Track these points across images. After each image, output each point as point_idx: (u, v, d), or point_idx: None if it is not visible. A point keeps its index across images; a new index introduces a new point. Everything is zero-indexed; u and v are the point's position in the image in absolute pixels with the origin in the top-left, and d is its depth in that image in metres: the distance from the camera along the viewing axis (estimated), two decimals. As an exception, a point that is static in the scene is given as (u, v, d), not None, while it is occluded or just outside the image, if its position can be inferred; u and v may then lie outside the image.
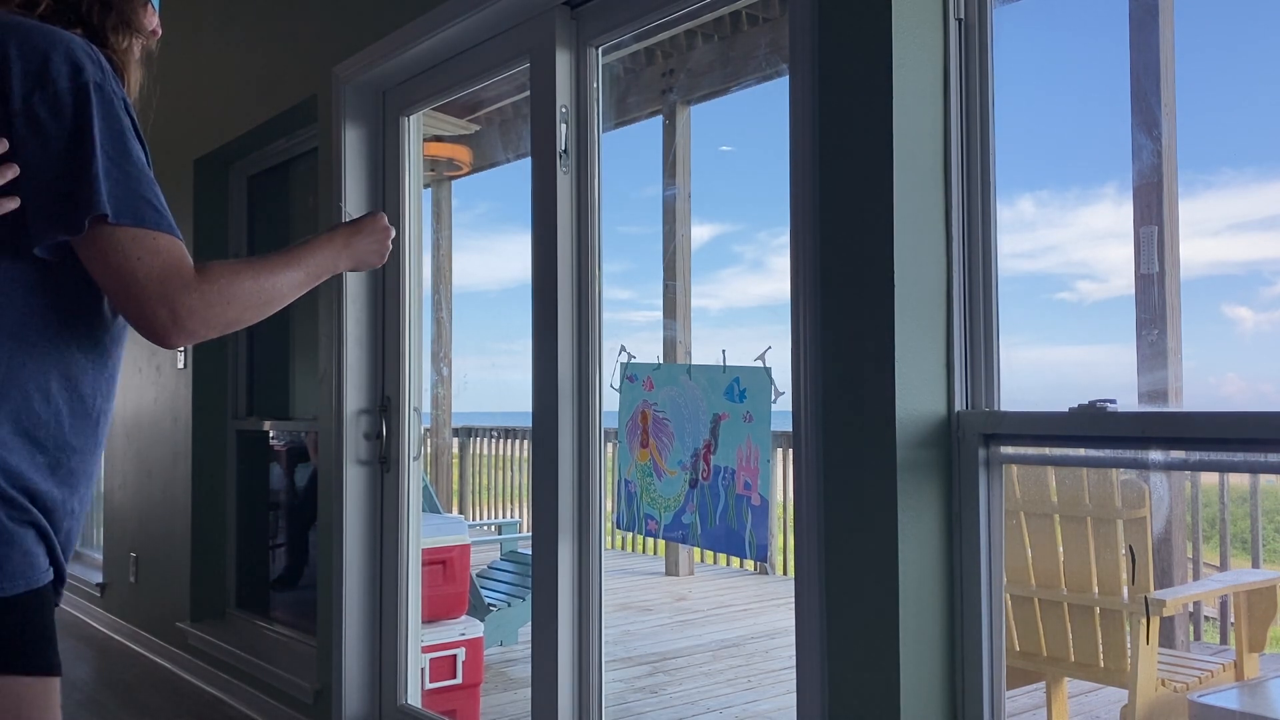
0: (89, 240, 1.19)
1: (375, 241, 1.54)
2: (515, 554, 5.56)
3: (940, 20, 1.89)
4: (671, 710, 4.11)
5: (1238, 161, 2.20)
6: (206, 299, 1.23)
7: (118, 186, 1.20)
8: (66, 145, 1.18)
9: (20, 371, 1.21)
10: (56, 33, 1.24)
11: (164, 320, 1.20)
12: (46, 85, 1.19)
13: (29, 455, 1.22)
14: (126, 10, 1.39)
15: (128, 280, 1.19)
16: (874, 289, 1.83)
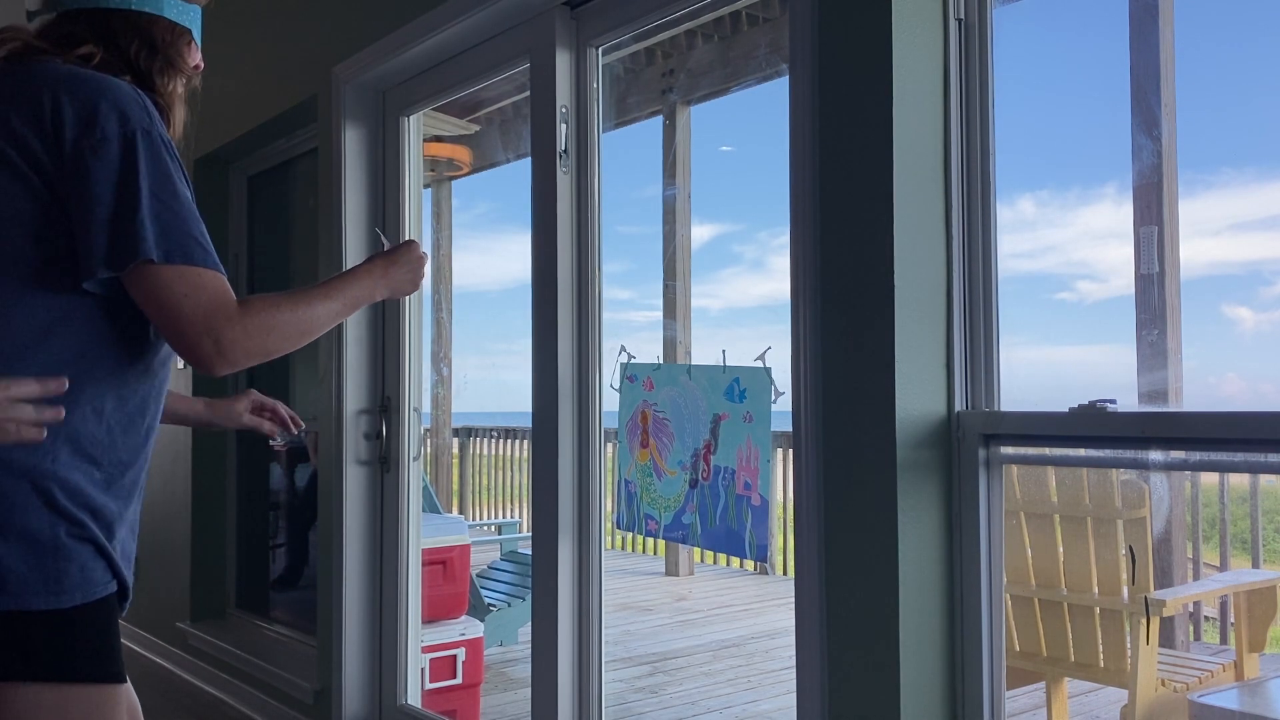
0: (138, 278, 1.27)
1: (410, 270, 1.62)
2: (515, 554, 5.56)
3: (940, 20, 1.89)
4: (671, 710, 4.11)
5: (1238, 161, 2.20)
6: (248, 331, 1.32)
7: (166, 227, 1.28)
8: (115, 190, 1.26)
9: (79, 395, 1.29)
10: (106, 81, 1.32)
11: (209, 351, 1.29)
12: (95, 131, 1.26)
13: (86, 472, 1.30)
14: (171, 53, 1.48)
15: (175, 315, 1.28)
16: (874, 289, 1.83)
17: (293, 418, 1.92)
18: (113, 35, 1.42)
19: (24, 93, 1.30)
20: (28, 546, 1.25)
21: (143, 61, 1.45)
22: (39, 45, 1.38)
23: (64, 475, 1.28)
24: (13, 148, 1.28)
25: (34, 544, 1.25)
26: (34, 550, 1.25)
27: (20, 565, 1.24)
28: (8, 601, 1.23)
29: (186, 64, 1.52)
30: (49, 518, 1.26)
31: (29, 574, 1.24)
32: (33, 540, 1.25)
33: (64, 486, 1.27)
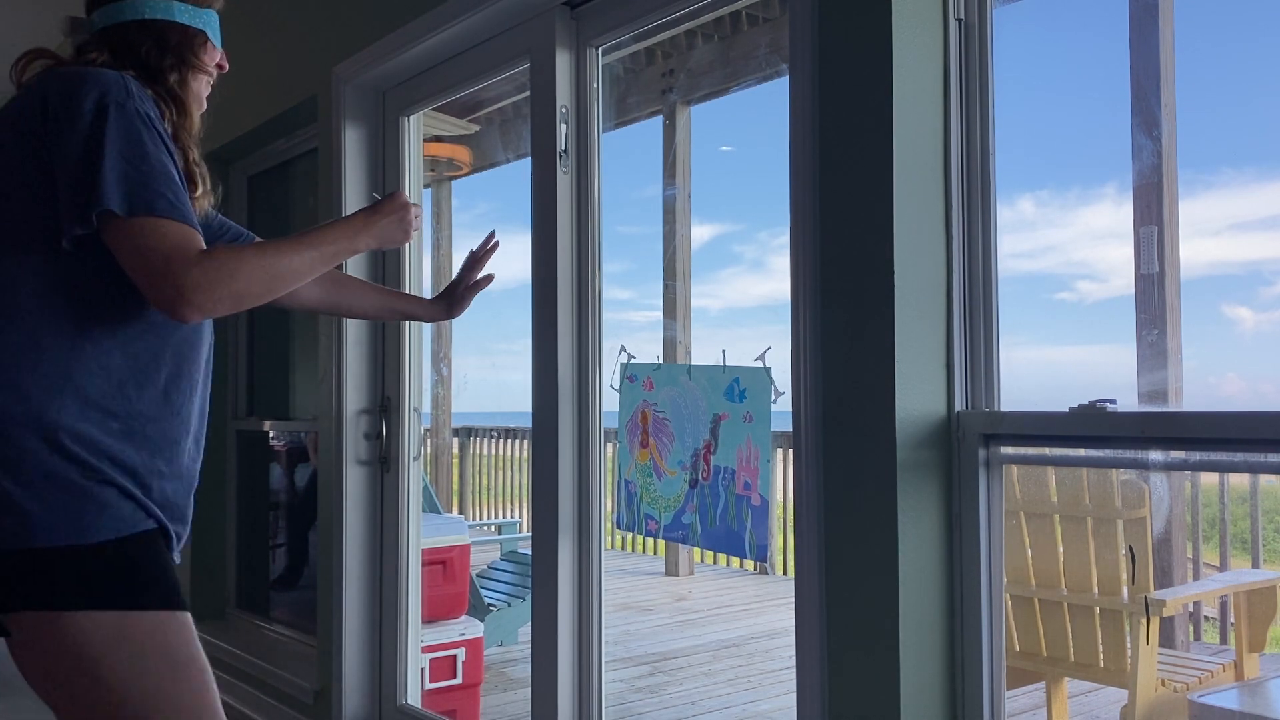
0: (110, 232, 1.38)
1: (396, 219, 1.70)
2: (515, 554, 5.56)
3: (940, 20, 1.89)
4: (671, 710, 4.12)
5: (1238, 161, 2.20)
6: (209, 275, 1.38)
7: (131, 184, 1.37)
8: (82, 151, 1.38)
9: (81, 353, 1.41)
10: (91, 71, 1.47)
11: (170, 295, 1.37)
12: (71, 108, 1.40)
13: (100, 423, 1.42)
14: (184, 52, 1.62)
15: (139, 263, 1.37)
16: (874, 289, 1.83)
17: (482, 248, 2.04)
18: (128, 43, 1.57)
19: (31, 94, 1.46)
20: (43, 490, 1.37)
21: (152, 59, 1.58)
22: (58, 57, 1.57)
23: (71, 425, 1.39)
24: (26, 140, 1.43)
25: (49, 487, 1.37)
26: (50, 493, 1.37)
27: (37, 507, 1.36)
28: (36, 539, 1.36)
29: (201, 62, 1.66)
30: (60, 463, 1.38)
31: (47, 515, 1.36)
32: (47, 484, 1.37)
33: (73, 435, 1.39)
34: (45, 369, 1.40)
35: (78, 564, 1.37)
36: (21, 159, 1.43)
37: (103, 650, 1.38)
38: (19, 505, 1.36)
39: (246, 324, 4.52)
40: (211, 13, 1.69)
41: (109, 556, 1.39)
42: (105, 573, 1.38)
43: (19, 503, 1.36)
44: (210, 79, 1.71)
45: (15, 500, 1.37)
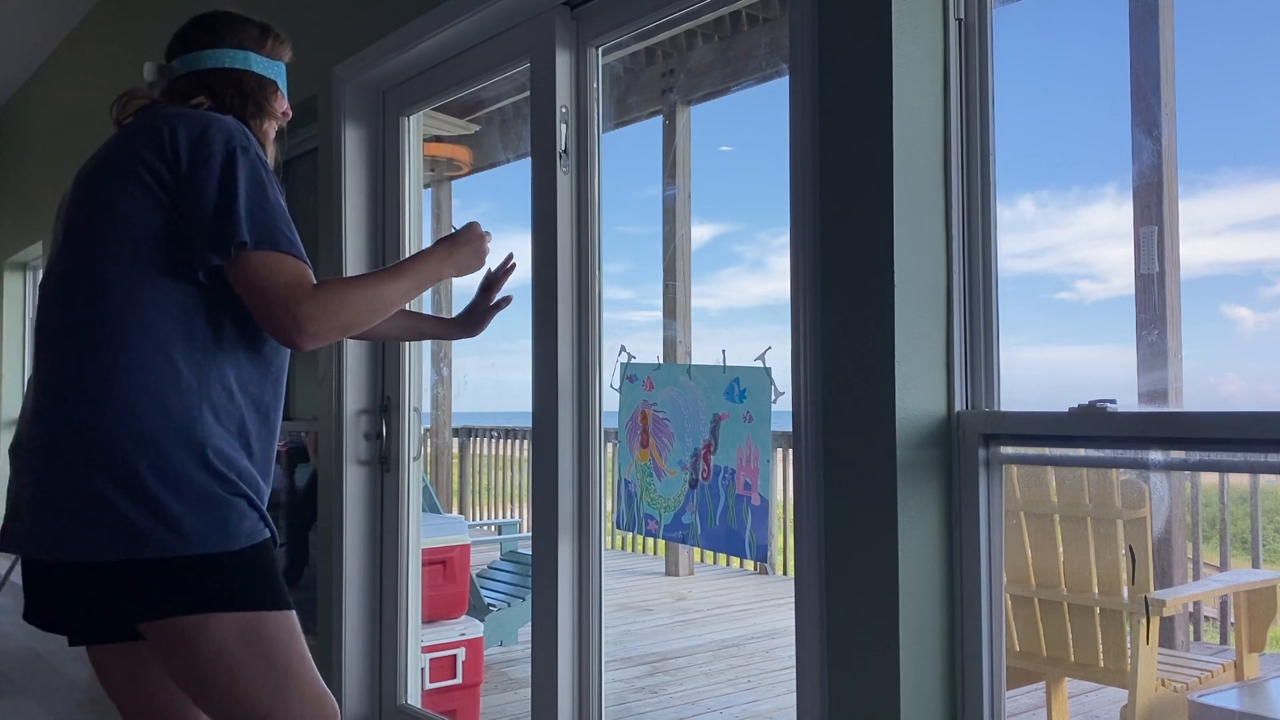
0: (235, 264, 1.51)
1: (474, 249, 1.84)
2: (515, 554, 5.56)
3: (940, 20, 1.89)
4: (671, 710, 4.12)
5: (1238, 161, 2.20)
6: (323, 305, 1.53)
7: (256, 220, 1.52)
8: (217, 192, 1.52)
9: (209, 376, 1.55)
10: (213, 115, 1.61)
11: (289, 326, 1.51)
12: (203, 150, 1.54)
13: (228, 439, 1.55)
14: (260, 99, 1.76)
15: (260, 294, 1.51)
16: (874, 289, 1.83)
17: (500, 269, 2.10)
18: (211, 88, 1.72)
19: (149, 129, 1.58)
20: (197, 501, 1.49)
21: (236, 107, 1.73)
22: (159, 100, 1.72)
23: (212, 442, 1.53)
24: (144, 173, 1.55)
25: (201, 499, 1.50)
26: (202, 504, 1.50)
27: (189, 517, 1.48)
28: (190, 547, 1.47)
29: (273, 109, 1.79)
30: (206, 477, 1.51)
31: (199, 525, 1.48)
32: (199, 496, 1.50)
33: (215, 451, 1.52)
34: (184, 390, 1.52)
35: (222, 570, 1.50)
36: (142, 192, 1.55)
37: (239, 647, 1.51)
38: (174, 516, 1.47)
39: (246, 324, 4.51)
40: (281, 65, 1.83)
41: (245, 562, 1.52)
42: (243, 577, 1.52)
43: (174, 514, 1.47)
44: (278, 124, 1.83)
45: (171, 512, 1.47)
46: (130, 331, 1.51)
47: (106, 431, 1.48)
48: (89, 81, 5.89)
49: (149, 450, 1.48)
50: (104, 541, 1.46)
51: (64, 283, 1.59)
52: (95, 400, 1.50)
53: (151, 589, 1.48)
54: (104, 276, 1.54)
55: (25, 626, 5.45)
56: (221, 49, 1.74)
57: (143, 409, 1.49)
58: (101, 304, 1.53)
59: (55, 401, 1.54)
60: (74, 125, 6.13)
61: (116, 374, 1.50)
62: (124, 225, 1.54)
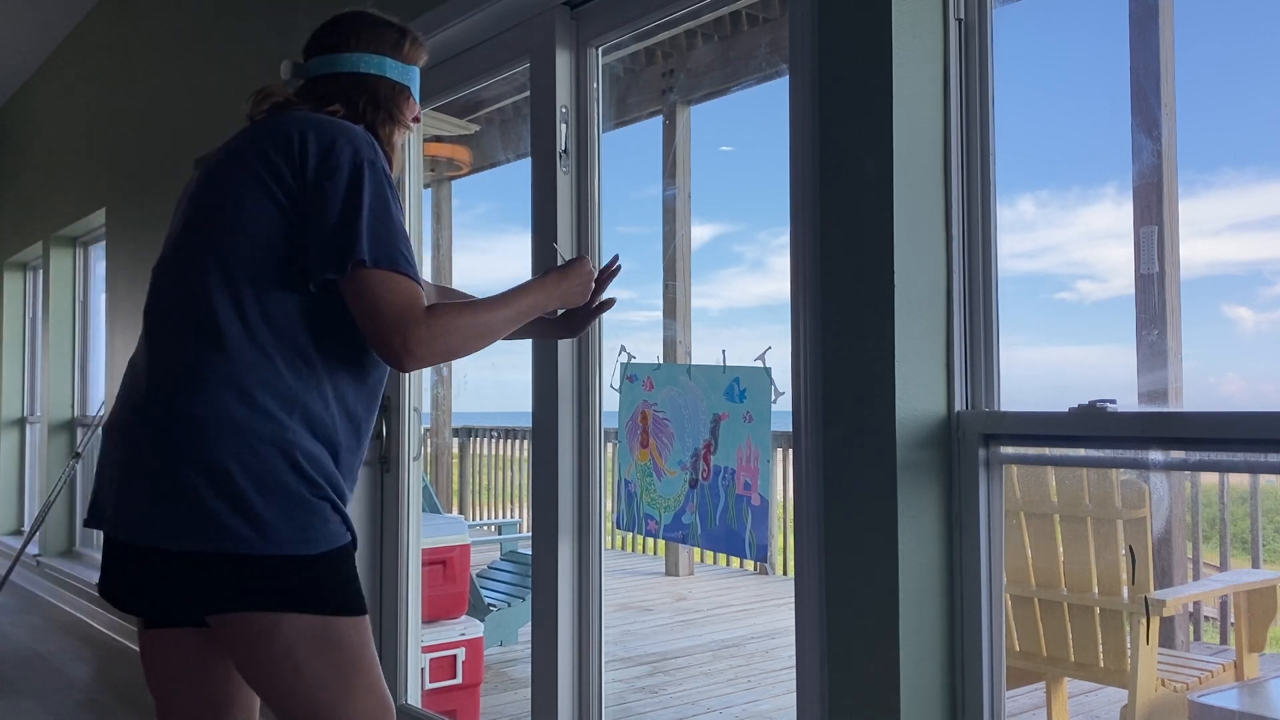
0: (352, 280, 1.52)
1: (580, 285, 1.84)
2: (515, 554, 5.56)
3: (940, 20, 1.89)
4: (671, 710, 4.11)
5: (1238, 161, 2.20)
6: (432, 331, 1.53)
7: (378, 238, 1.52)
8: (342, 206, 1.52)
9: (308, 382, 1.56)
10: (344, 125, 1.61)
11: (398, 348, 1.51)
12: (331, 160, 1.54)
13: (318, 445, 1.55)
14: (391, 107, 1.75)
15: (374, 313, 1.51)
16: (874, 289, 1.83)
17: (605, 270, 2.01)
18: (345, 94, 1.72)
19: (279, 131, 1.58)
20: (283, 503, 1.49)
21: (368, 115, 1.72)
22: (294, 100, 1.71)
23: (304, 446, 1.53)
24: (268, 174, 1.55)
25: (287, 501, 1.50)
26: (287, 506, 1.50)
27: (277, 518, 1.49)
28: (270, 547, 1.48)
29: (404, 116, 1.78)
30: (294, 479, 1.51)
31: (282, 525, 1.49)
32: (286, 498, 1.50)
33: (305, 455, 1.53)
34: (282, 392, 1.53)
35: (300, 572, 1.51)
36: (265, 195, 1.55)
37: (308, 649, 1.52)
38: (259, 515, 1.48)
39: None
40: (416, 69, 1.81)
41: (324, 566, 1.53)
42: (320, 581, 1.52)
43: (260, 512, 1.48)
44: (408, 131, 1.81)
45: (257, 510, 1.48)
46: (237, 332, 1.52)
47: (201, 425, 1.49)
48: (89, 81, 5.88)
49: (242, 448, 1.49)
50: (186, 531, 1.48)
51: (176, 273, 1.60)
52: (194, 394, 1.50)
53: (227, 583, 1.49)
54: (217, 274, 1.55)
55: (25, 626, 5.44)
56: (358, 53, 1.73)
57: (240, 408, 1.50)
58: (212, 302, 1.54)
59: (153, 389, 1.55)
60: (74, 125, 6.12)
61: (218, 371, 1.51)
62: (242, 227, 1.55)
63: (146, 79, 5.04)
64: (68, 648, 4.98)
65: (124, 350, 5.16)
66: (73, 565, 6.13)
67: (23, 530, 7.28)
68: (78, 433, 6.46)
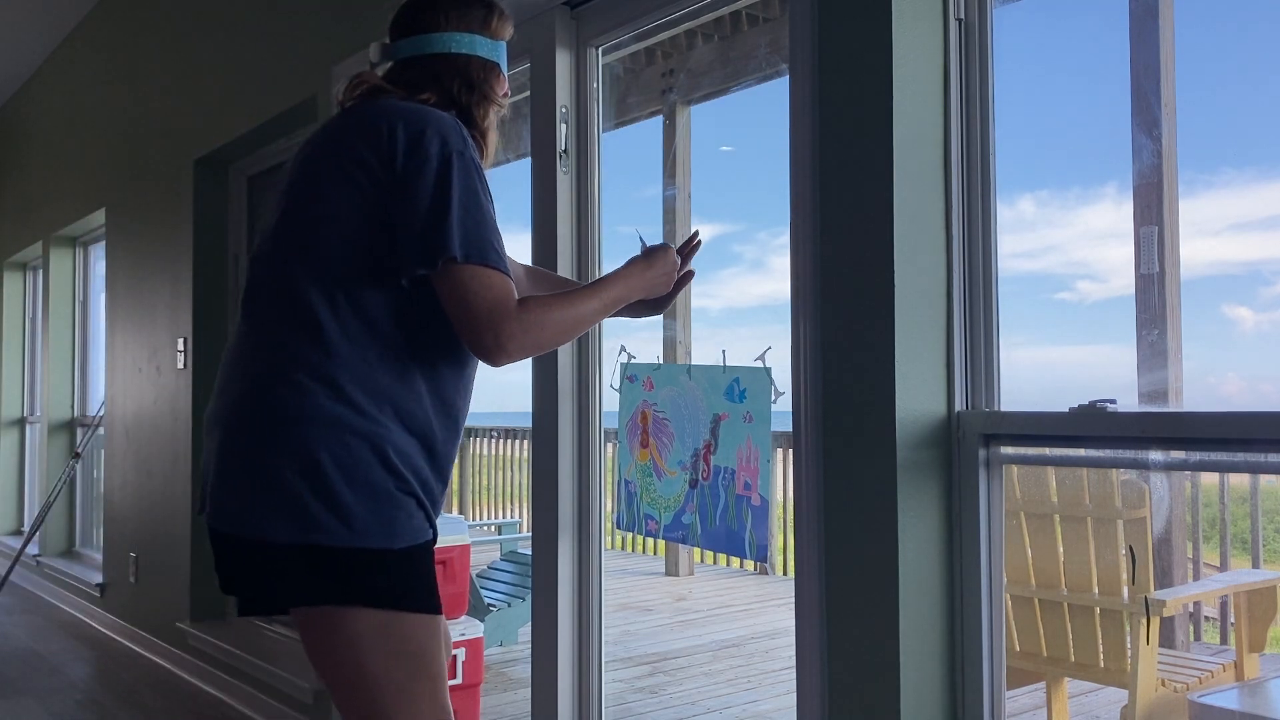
0: (443, 274, 1.51)
1: (664, 273, 1.82)
2: (515, 554, 5.56)
3: (940, 20, 1.89)
4: (671, 710, 4.11)
5: (1238, 161, 2.20)
6: (525, 326, 1.53)
7: (469, 233, 1.51)
8: (431, 200, 1.51)
9: (402, 376, 1.56)
10: (433, 114, 1.58)
11: (490, 343, 1.52)
12: (419, 153, 1.52)
13: (410, 441, 1.56)
14: (484, 87, 1.72)
15: (466, 308, 1.51)
16: (874, 289, 1.83)
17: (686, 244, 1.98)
18: (438, 76, 1.69)
19: (368, 122, 1.57)
20: (369, 496, 1.50)
21: (462, 97, 1.70)
22: (386, 87, 1.67)
23: (395, 441, 1.53)
24: (357, 167, 1.54)
25: (374, 495, 1.51)
26: (374, 499, 1.51)
27: (363, 510, 1.50)
28: (353, 539, 1.49)
29: (496, 94, 1.75)
30: (382, 474, 1.51)
31: (368, 519, 1.50)
32: (373, 491, 1.51)
33: (395, 449, 1.53)
34: (374, 386, 1.53)
35: (381, 566, 1.51)
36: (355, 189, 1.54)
37: (373, 643, 1.52)
38: (347, 508, 1.49)
39: (246, 324, 4.51)
40: (503, 44, 1.78)
41: (403, 561, 1.53)
42: (397, 576, 1.53)
43: (348, 505, 1.49)
44: (500, 109, 1.78)
45: (345, 503, 1.49)
46: (329, 327, 1.53)
47: (294, 419, 1.50)
48: (89, 81, 5.88)
49: (333, 441, 1.50)
50: (276, 522, 1.50)
51: (270, 267, 1.60)
52: (287, 388, 1.52)
53: (311, 574, 1.50)
54: (309, 269, 1.55)
55: (25, 626, 5.44)
56: (448, 33, 1.70)
57: (332, 402, 1.51)
58: (304, 297, 1.54)
59: (248, 382, 1.57)
60: (74, 125, 6.13)
61: (311, 366, 1.52)
62: (334, 221, 1.55)
63: (146, 79, 5.05)
64: (68, 648, 4.98)
65: (124, 350, 5.16)
66: (73, 565, 6.13)
67: (23, 530, 7.28)
68: (78, 433, 6.46)
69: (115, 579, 5.26)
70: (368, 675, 1.52)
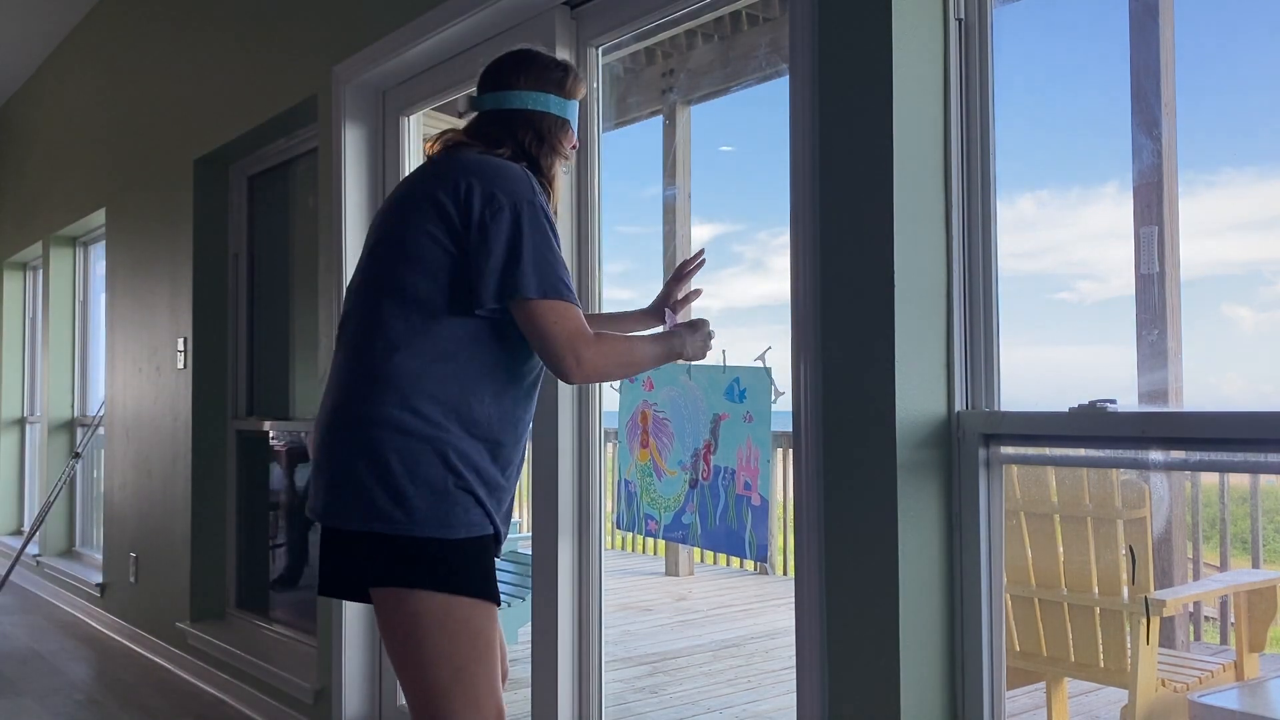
0: (523, 309, 1.76)
1: (704, 341, 2.08)
2: (515, 554, 5.55)
3: (940, 20, 1.89)
4: (671, 710, 4.11)
5: (1238, 161, 2.20)
6: (601, 354, 1.79)
7: (542, 272, 1.75)
8: (506, 244, 1.75)
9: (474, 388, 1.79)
10: (507, 167, 1.82)
11: (571, 366, 1.76)
12: (495, 203, 1.76)
13: (473, 445, 1.78)
14: (553, 140, 1.95)
15: (547, 337, 1.75)
16: (874, 289, 1.83)
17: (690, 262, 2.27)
18: (514, 130, 1.92)
19: (449, 174, 1.81)
20: (429, 491, 1.73)
21: (532, 149, 1.92)
22: (467, 140, 1.91)
23: (455, 443, 1.76)
24: (439, 214, 1.78)
25: (433, 490, 1.74)
26: (433, 494, 1.73)
27: (423, 504, 1.73)
28: (413, 528, 1.72)
29: (564, 148, 1.98)
30: (442, 472, 1.75)
31: (428, 511, 1.73)
32: (432, 487, 1.74)
33: (458, 452, 1.76)
34: (442, 399, 1.76)
35: (438, 554, 1.73)
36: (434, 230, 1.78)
37: (432, 623, 1.73)
38: (411, 502, 1.72)
39: (246, 323, 4.52)
40: (576, 103, 2.00)
41: (459, 550, 1.74)
42: (455, 564, 1.74)
43: (411, 500, 1.73)
44: (567, 160, 2.01)
45: (409, 497, 1.73)
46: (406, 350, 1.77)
47: (372, 426, 1.75)
48: (89, 81, 5.88)
49: (401, 446, 1.74)
50: (351, 511, 1.75)
51: (362, 296, 1.85)
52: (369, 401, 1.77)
53: (380, 559, 1.73)
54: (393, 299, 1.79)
55: (25, 626, 5.44)
56: (526, 90, 1.93)
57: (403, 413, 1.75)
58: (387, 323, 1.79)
59: (341, 395, 1.82)
60: (74, 125, 6.13)
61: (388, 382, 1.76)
62: (417, 258, 1.78)
63: (146, 79, 5.05)
64: (68, 648, 4.98)
65: (124, 350, 5.16)
66: (73, 565, 6.13)
67: (23, 530, 7.28)
68: (77, 433, 6.46)
69: (115, 579, 5.26)
70: (426, 653, 1.73)
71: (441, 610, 1.73)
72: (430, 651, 1.73)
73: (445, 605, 1.73)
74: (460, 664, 1.74)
